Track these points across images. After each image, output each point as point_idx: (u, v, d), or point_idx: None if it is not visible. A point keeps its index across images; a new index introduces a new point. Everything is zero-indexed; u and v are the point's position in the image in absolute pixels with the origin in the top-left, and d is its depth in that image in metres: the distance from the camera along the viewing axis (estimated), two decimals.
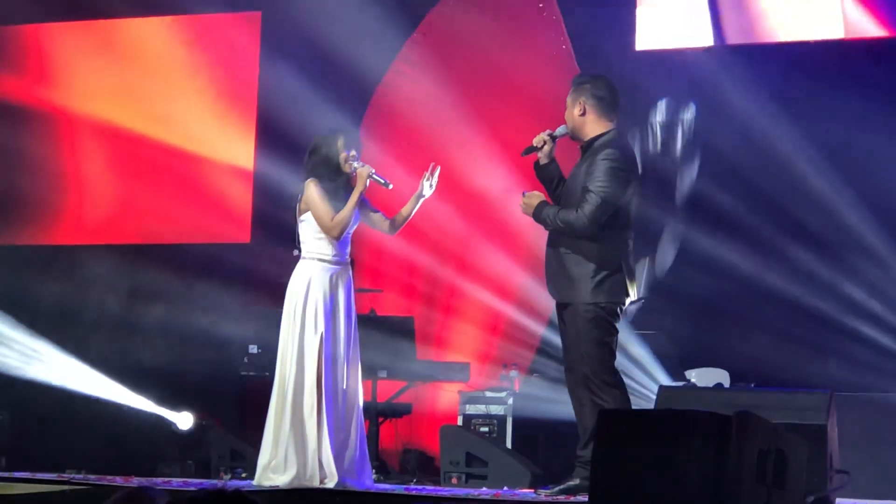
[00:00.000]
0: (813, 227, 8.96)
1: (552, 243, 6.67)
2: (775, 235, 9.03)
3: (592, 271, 6.50)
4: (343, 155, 6.96)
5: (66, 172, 10.59)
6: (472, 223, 9.75)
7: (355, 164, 6.94)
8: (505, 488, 7.53)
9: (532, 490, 7.11)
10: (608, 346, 6.53)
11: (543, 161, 6.77)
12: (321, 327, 6.82)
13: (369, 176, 6.91)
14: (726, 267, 9.05)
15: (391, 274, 10.13)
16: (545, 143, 6.73)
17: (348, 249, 7.02)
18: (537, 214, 6.60)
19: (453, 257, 9.98)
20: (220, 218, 10.36)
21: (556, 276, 6.63)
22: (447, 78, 9.99)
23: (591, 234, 6.48)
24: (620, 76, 9.46)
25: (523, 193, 6.73)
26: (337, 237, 6.90)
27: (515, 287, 9.60)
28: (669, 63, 9.45)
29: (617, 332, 6.63)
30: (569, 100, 6.71)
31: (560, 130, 6.73)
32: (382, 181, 6.95)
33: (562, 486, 6.56)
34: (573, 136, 6.72)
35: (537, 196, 6.68)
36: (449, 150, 9.75)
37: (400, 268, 10.11)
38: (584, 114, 6.65)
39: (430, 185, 7.02)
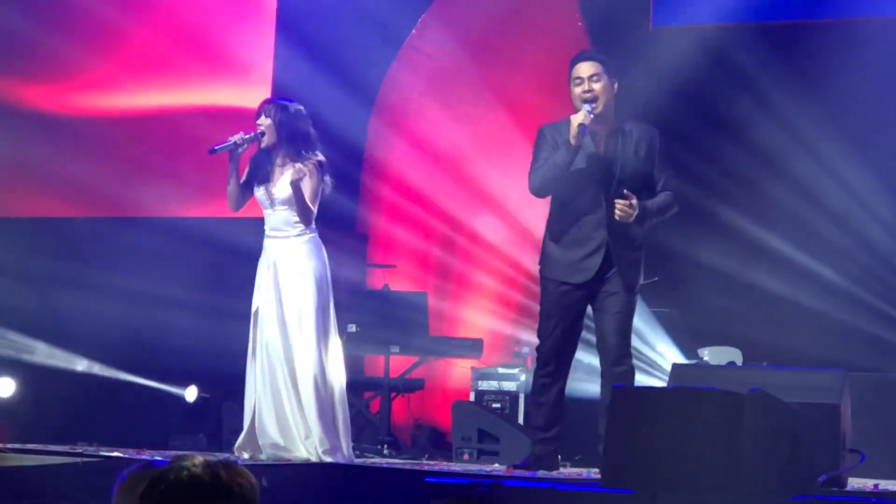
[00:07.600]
0: (830, 201, 8.91)
1: (622, 233, 6.52)
2: (791, 210, 8.99)
3: (643, 252, 6.63)
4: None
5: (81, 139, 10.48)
6: (487, 200, 9.73)
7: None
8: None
9: (504, 468, 7.10)
10: None
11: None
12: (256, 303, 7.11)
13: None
14: (741, 244, 9.02)
15: (405, 249, 10.11)
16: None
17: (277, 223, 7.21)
18: (644, 209, 6.46)
19: (467, 233, 9.96)
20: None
21: (631, 266, 6.58)
22: (460, 55, 9.94)
23: None
24: (635, 53, 9.45)
25: (625, 193, 6.41)
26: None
27: (529, 263, 9.58)
28: (685, 40, 9.39)
29: None
30: (607, 78, 6.55)
31: (591, 110, 6.48)
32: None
33: (530, 463, 6.63)
34: (602, 115, 6.53)
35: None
36: (462, 127, 9.72)
37: (414, 243, 10.10)
38: (616, 94, 6.61)
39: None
